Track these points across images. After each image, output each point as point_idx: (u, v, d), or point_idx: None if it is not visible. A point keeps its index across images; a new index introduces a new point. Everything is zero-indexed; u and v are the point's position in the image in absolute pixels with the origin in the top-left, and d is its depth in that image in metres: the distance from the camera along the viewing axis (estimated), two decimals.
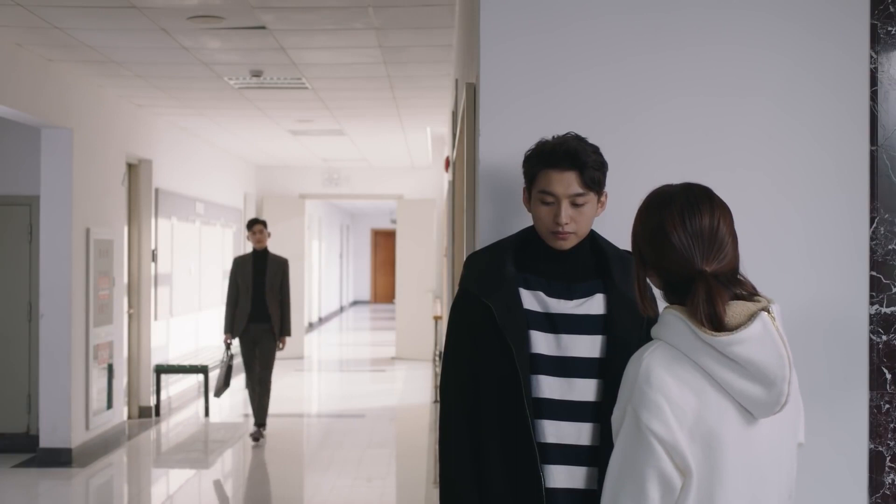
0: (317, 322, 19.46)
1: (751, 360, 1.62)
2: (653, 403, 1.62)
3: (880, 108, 2.63)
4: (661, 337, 1.70)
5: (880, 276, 2.62)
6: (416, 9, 5.49)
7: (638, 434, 1.62)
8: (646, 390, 1.63)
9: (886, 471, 2.62)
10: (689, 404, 1.63)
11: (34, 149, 7.34)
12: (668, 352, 1.67)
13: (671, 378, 1.64)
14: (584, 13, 2.59)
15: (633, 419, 1.63)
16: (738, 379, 1.63)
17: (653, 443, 1.61)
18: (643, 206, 1.80)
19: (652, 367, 1.65)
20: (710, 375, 1.64)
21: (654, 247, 1.74)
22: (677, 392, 1.63)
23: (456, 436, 2.27)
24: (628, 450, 1.64)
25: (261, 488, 6.86)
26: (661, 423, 1.61)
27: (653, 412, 1.61)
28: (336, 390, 11.86)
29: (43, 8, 5.47)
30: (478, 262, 2.33)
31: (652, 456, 1.61)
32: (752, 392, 1.63)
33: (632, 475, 1.63)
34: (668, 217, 1.72)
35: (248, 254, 8.24)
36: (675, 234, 1.71)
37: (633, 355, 1.74)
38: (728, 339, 1.61)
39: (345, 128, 10.18)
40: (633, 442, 1.63)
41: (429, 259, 13.64)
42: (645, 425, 1.61)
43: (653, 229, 1.74)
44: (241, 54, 6.63)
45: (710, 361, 1.64)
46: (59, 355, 7.10)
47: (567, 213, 2.18)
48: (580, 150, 2.18)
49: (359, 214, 26.25)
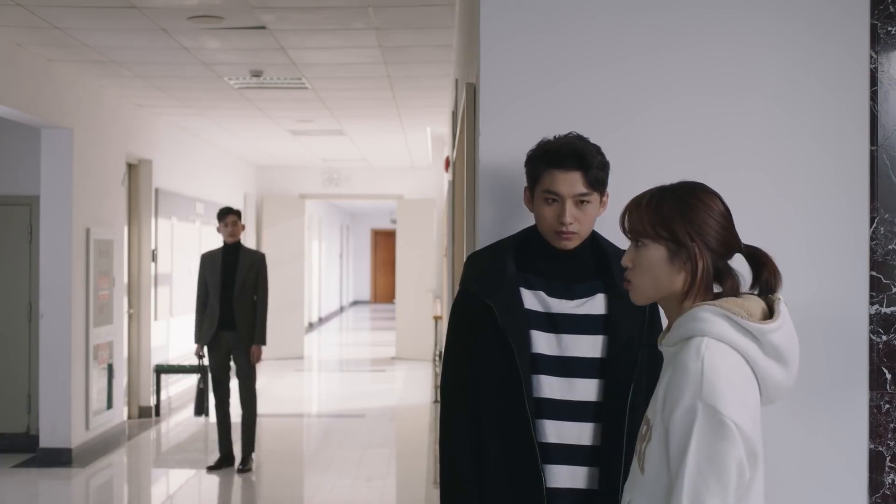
0: (317, 322, 19.46)
1: (784, 346, 1.70)
2: (728, 395, 1.61)
3: (880, 108, 2.63)
4: (702, 333, 1.68)
5: (880, 276, 2.62)
6: (416, 9, 5.49)
7: (719, 427, 1.59)
8: (717, 383, 1.61)
9: (886, 471, 2.62)
10: (751, 394, 1.67)
11: (34, 149, 7.34)
12: (719, 345, 1.67)
13: (733, 370, 1.65)
14: (584, 13, 2.59)
15: (708, 413, 1.60)
16: (774, 366, 1.70)
17: (735, 433, 1.60)
18: (682, 195, 1.77)
19: (716, 361, 1.64)
20: (749, 363, 1.69)
21: (722, 226, 1.76)
22: (741, 382, 1.65)
23: (456, 436, 2.27)
24: (708, 445, 1.60)
25: (261, 488, 6.86)
26: (740, 413, 1.61)
27: (730, 403, 1.61)
28: (336, 390, 11.86)
29: (43, 8, 5.47)
30: (478, 261, 2.33)
31: (735, 447, 1.60)
32: (780, 378, 1.71)
33: (716, 470, 1.60)
34: (715, 200, 1.77)
35: (217, 249, 6.93)
36: (725, 211, 1.77)
37: (682, 356, 1.68)
38: (770, 326, 1.67)
39: (345, 128, 10.18)
40: (712, 436, 1.60)
41: (429, 259, 13.64)
42: (727, 417, 1.59)
43: (720, 212, 1.76)
44: (241, 54, 6.63)
45: (753, 350, 1.68)
46: (59, 355, 7.10)
47: (571, 213, 2.19)
48: (585, 151, 2.19)
49: (359, 214, 26.25)
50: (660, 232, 1.75)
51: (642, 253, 1.78)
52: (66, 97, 7.17)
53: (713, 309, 1.69)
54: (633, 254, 1.80)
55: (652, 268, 1.77)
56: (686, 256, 1.74)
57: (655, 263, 1.76)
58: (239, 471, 6.91)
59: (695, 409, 1.61)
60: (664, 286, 1.77)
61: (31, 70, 6.62)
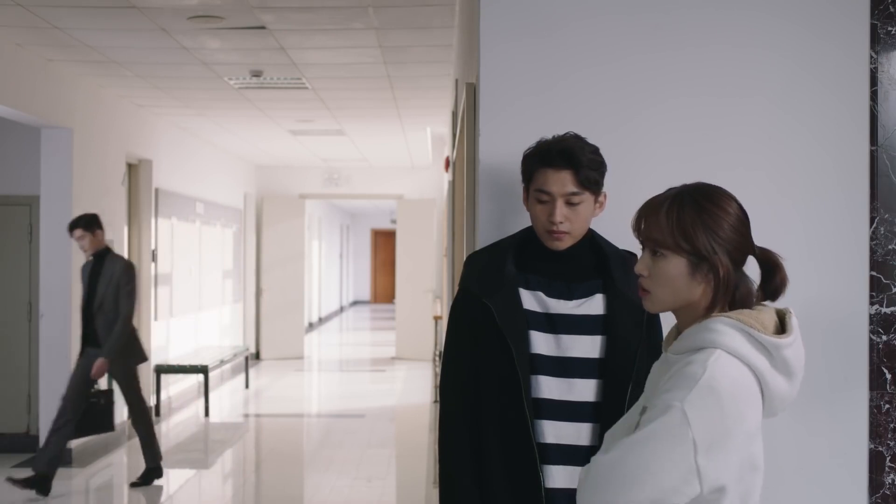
0: (317, 322, 19.47)
1: (794, 360, 1.67)
2: (707, 415, 1.58)
3: (880, 108, 2.63)
4: (715, 345, 1.64)
5: (880, 276, 2.62)
6: (416, 9, 5.49)
7: (682, 436, 1.57)
8: (705, 399, 1.59)
9: (886, 471, 2.62)
10: (750, 412, 1.63)
11: (34, 149, 7.34)
12: (728, 360, 1.63)
13: (734, 388, 1.61)
14: (584, 13, 2.59)
15: (679, 419, 1.58)
16: (781, 380, 1.67)
17: (690, 449, 1.57)
18: (700, 209, 1.69)
19: (717, 376, 1.60)
20: (758, 378, 1.65)
21: (742, 234, 1.70)
22: (736, 402, 1.61)
23: (456, 436, 2.26)
24: (660, 440, 1.59)
25: (261, 488, 6.86)
26: (707, 437, 1.57)
27: (704, 425, 1.57)
28: (336, 390, 11.86)
29: (43, 8, 5.47)
30: (478, 262, 2.33)
31: (682, 460, 1.57)
32: (785, 391, 1.68)
33: (646, 462, 1.59)
34: (732, 204, 1.72)
35: (89, 259, 6.47)
36: (742, 215, 1.72)
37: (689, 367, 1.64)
38: (785, 341, 1.64)
39: (345, 128, 10.18)
40: (669, 436, 1.58)
41: (429, 259, 13.64)
42: (692, 431, 1.56)
43: (738, 217, 1.71)
44: (241, 54, 6.63)
45: (763, 365, 1.65)
46: (59, 355, 7.10)
47: (561, 213, 2.18)
48: (576, 149, 2.18)
49: (359, 214, 26.25)
50: (681, 244, 1.68)
51: (661, 264, 1.70)
52: (66, 97, 7.17)
53: (730, 321, 1.65)
54: (650, 262, 1.72)
55: (672, 280, 1.70)
56: (708, 269, 1.68)
57: (676, 276, 1.69)
58: (132, 484, 6.54)
59: (671, 407, 1.58)
60: (683, 297, 1.71)
61: (31, 70, 6.62)
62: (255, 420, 9.57)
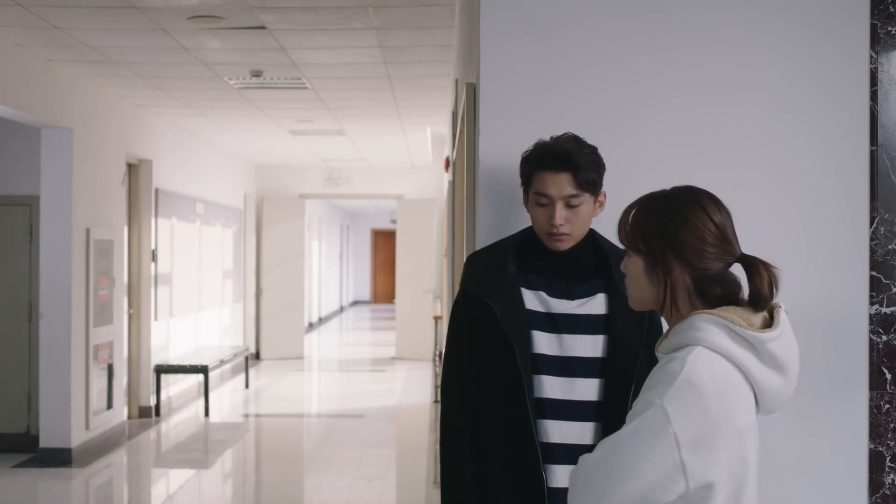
0: (317, 322, 19.47)
1: (783, 354, 1.67)
2: (685, 408, 1.58)
3: (880, 108, 2.63)
4: (696, 342, 1.66)
5: (880, 276, 2.62)
6: (416, 9, 5.49)
7: (662, 432, 1.59)
8: (684, 393, 1.60)
9: (886, 471, 2.62)
10: (737, 407, 1.63)
11: (34, 149, 7.34)
12: (709, 356, 1.64)
13: (714, 384, 1.61)
14: (584, 13, 2.59)
15: (660, 415, 1.59)
16: (772, 375, 1.67)
17: (672, 443, 1.58)
18: (665, 209, 1.73)
19: (697, 371, 1.61)
20: (744, 374, 1.66)
21: (704, 240, 1.69)
22: (719, 398, 1.61)
23: (457, 436, 2.27)
24: (639, 439, 1.61)
25: (261, 488, 6.86)
26: (687, 431, 1.58)
27: (683, 417, 1.58)
28: (336, 390, 11.86)
29: (43, 8, 5.47)
30: (479, 261, 2.33)
31: (665, 455, 1.59)
32: (778, 387, 1.68)
33: (623, 461, 1.61)
34: (705, 213, 1.71)
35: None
36: (720, 220, 1.71)
37: (671, 365, 1.66)
38: (768, 335, 1.65)
39: (345, 128, 10.18)
40: (648, 432, 1.60)
41: (429, 259, 13.64)
42: (672, 426, 1.57)
43: (708, 228, 1.70)
44: (241, 54, 6.63)
45: (749, 360, 1.65)
46: (59, 355, 7.10)
47: (561, 215, 2.18)
48: (574, 151, 2.18)
49: (359, 214, 26.25)
50: (638, 245, 1.75)
51: (627, 263, 1.79)
52: (66, 97, 7.17)
53: (711, 318, 1.67)
54: (625, 261, 1.81)
55: (635, 278, 1.78)
56: (662, 270, 1.72)
57: (637, 274, 1.77)
58: None
59: (651, 404, 1.60)
60: (647, 295, 1.77)
61: (31, 70, 6.62)
62: (255, 420, 9.57)
